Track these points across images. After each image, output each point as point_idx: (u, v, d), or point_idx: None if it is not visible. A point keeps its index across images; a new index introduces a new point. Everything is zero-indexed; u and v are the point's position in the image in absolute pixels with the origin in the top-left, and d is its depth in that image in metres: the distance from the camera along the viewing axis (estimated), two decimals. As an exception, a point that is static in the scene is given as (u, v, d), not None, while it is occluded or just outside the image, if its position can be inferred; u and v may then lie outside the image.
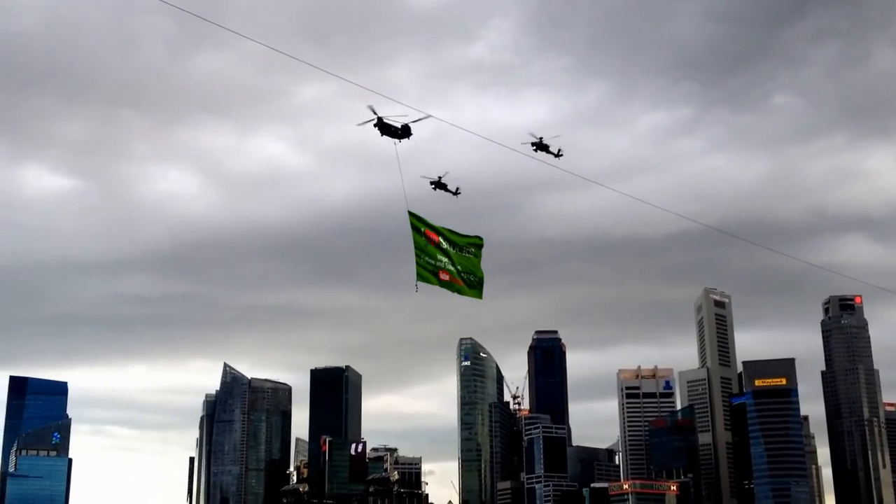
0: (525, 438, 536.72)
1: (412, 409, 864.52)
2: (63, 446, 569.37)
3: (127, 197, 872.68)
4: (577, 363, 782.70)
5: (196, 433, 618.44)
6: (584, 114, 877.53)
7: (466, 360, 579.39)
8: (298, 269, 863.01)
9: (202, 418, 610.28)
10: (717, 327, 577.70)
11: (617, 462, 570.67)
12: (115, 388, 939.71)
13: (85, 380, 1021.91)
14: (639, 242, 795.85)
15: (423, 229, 51.78)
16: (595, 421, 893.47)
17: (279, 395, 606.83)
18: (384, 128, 72.15)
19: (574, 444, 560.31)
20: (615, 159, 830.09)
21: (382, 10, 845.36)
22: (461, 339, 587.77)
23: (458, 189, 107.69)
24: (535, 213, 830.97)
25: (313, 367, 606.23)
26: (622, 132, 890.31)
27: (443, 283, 52.07)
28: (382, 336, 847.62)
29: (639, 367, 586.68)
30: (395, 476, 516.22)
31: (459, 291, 52.59)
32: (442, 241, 52.18)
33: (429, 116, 71.53)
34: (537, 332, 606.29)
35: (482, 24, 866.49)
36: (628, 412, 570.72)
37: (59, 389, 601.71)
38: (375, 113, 71.53)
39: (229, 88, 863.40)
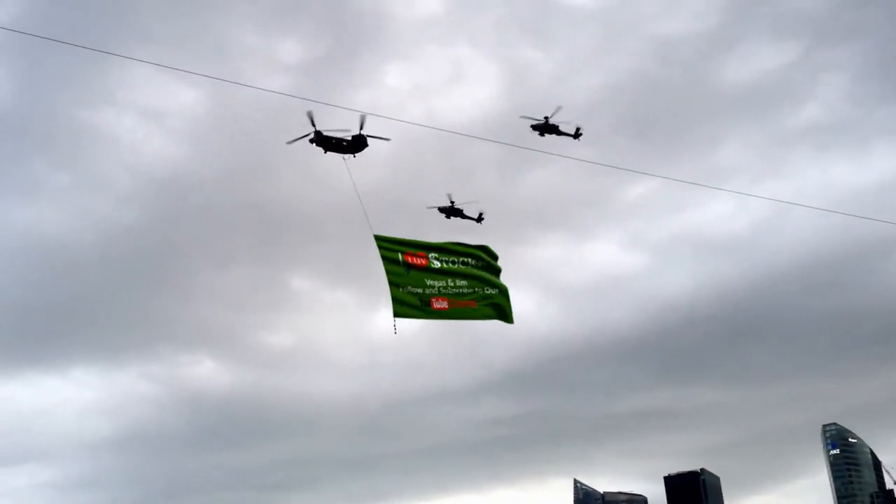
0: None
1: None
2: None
3: (474, 324, 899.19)
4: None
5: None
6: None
7: (834, 448, 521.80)
8: (645, 370, 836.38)
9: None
10: None
11: None
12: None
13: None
14: None
15: (400, 254, 40.59)
16: None
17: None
18: (324, 142, 58.45)
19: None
20: None
21: (703, 93, 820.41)
22: (824, 426, 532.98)
23: (480, 215, 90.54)
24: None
25: (666, 474, 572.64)
26: None
27: (439, 314, 40.79)
28: (737, 431, 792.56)
29: None
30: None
31: (472, 316, 41.68)
32: (432, 260, 41.28)
33: (388, 139, 59.04)
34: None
35: (813, 81, 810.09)
36: None
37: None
38: (314, 124, 58.59)
39: (557, 200, 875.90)
